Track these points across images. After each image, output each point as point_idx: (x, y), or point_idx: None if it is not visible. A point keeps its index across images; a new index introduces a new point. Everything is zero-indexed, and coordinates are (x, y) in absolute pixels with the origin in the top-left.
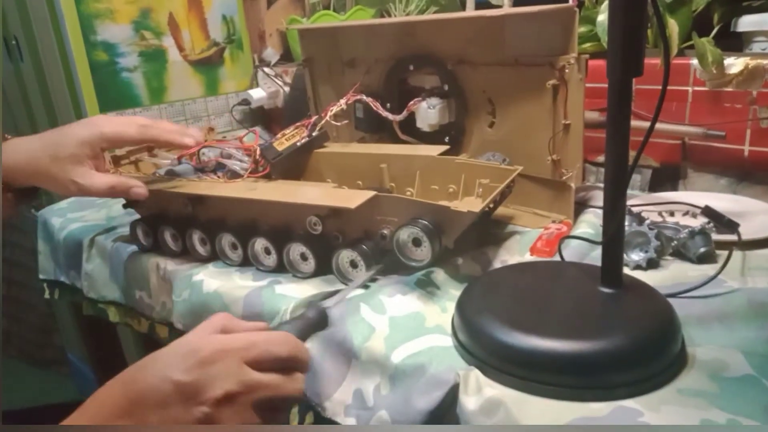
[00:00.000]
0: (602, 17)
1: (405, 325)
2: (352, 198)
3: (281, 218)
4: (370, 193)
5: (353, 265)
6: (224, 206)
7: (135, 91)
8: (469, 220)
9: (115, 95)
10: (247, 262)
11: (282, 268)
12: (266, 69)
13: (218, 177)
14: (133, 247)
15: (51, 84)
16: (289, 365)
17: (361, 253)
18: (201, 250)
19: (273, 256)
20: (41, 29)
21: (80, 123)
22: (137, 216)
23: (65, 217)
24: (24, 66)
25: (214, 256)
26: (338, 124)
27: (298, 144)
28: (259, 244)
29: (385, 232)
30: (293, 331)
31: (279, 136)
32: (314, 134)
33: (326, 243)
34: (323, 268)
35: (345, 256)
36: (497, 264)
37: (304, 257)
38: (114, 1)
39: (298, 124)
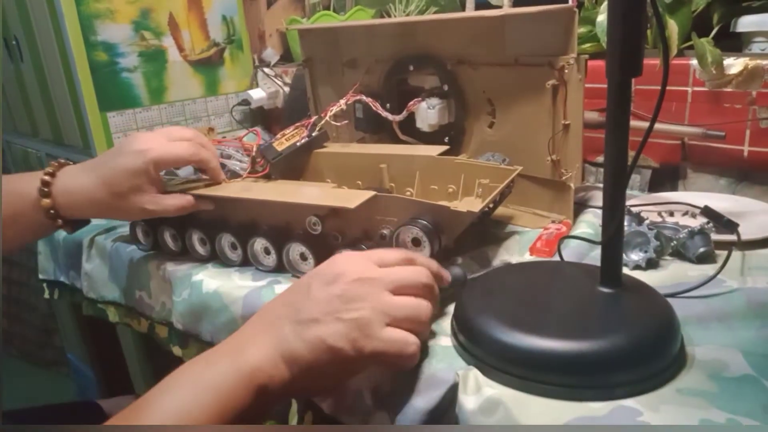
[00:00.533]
0: (602, 18)
1: None
2: (352, 198)
3: (281, 218)
4: (370, 193)
5: None
6: (224, 206)
7: (135, 91)
8: (469, 220)
9: (115, 95)
10: (246, 262)
11: (282, 268)
12: (266, 69)
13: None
14: (133, 247)
15: (51, 84)
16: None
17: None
18: (201, 250)
19: (272, 256)
20: (41, 29)
21: (127, 152)
22: None
23: None
24: (24, 66)
25: (214, 256)
26: (338, 124)
27: (298, 144)
28: (259, 244)
29: (385, 232)
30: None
31: (279, 136)
32: (314, 134)
33: (326, 243)
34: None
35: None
36: (497, 264)
37: (303, 257)
38: (114, 2)
39: (297, 124)
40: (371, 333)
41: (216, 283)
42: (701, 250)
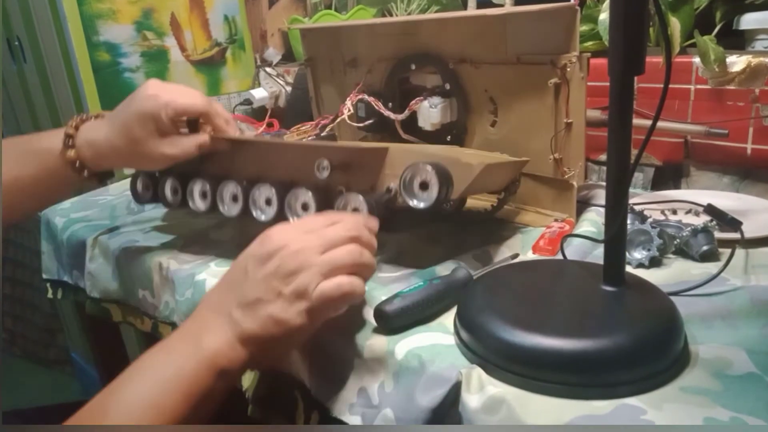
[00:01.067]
0: (604, 16)
1: None
2: (365, 143)
3: (289, 169)
4: (384, 144)
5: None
6: (232, 160)
7: None
8: (476, 173)
9: (117, 96)
10: (246, 212)
11: (282, 216)
12: (268, 69)
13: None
14: (137, 247)
15: (54, 84)
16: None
17: (366, 200)
18: (200, 203)
19: (273, 207)
20: (44, 30)
21: (141, 97)
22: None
23: (68, 217)
24: (27, 67)
25: (212, 209)
26: (360, 125)
27: (303, 140)
28: (263, 191)
29: (392, 185)
30: (442, 286)
31: (293, 129)
32: (322, 135)
33: (330, 195)
34: None
35: (349, 201)
36: (499, 263)
37: (305, 207)
38: (116, 2)
39: (316, 121)
40: (312, 294)
41: None
42: (704, 248)
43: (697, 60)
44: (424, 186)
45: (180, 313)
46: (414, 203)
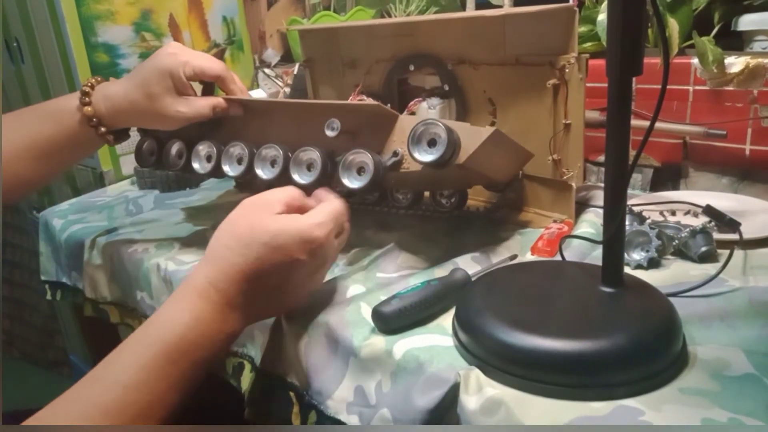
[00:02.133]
0: (602, 17)
1: None
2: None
3: (298, 132)
4: (396, 113)
5: (360, 170)
6: (241, 125)
7: None
8: (483, 138)
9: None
10: (249, 172)
11: (285, 176)
12: (267, 70)
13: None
14: (135, 248)
15: (52, 85)
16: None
17: (373, 157)
18: (205, 164)
19: (278, 167)
20: (42, 31)
21: (161, 55)
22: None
23: (66, 219)
24: (25, 68)
25: (216, 172)
26: None
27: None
28: (269, 152)
29: (399, 150)
30: (440, 288)
31: None
32: None
33: (335, 158)
34: (325, 182)
35: (356, 156)
36: (498, 264)
37: (309, 168)
38: (115, 3)
39: None
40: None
41: None
42: (703, 249)
43: (695, 61)
44: (432, 143)
45: None
46: (420, 157)
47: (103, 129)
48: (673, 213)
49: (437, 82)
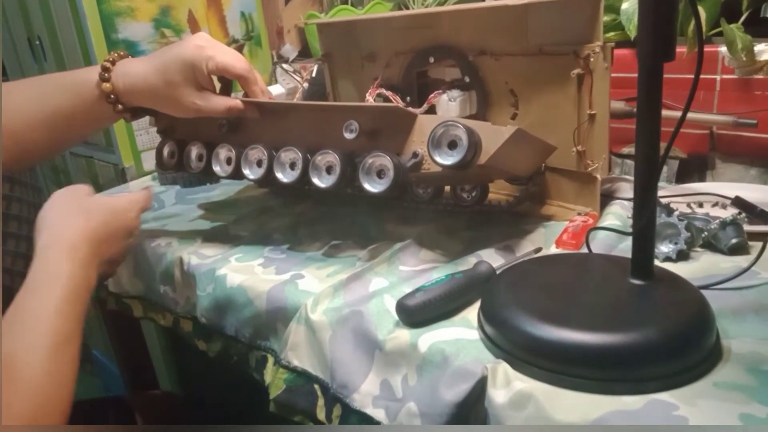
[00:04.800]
0: (626, 5)
1: None
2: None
3: (316, 134)
4: (416, 111)
5: (380, 174)
6: (259, 127)
7: None
8: (506, 136)
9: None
10: (269, 175)
11: (305, 179)
12: (285, 65)
13: None
14: (158, 242)
15: None
16: None
17: (392, 160)
18: (225, 167)
19: (297, 170)
20: (64, 29)
21: (187, 45)
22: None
23: None
24: (48, 66)
25: (236, 174)
26: None
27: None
28: (288, 154)
29: (419, 150)
30: (465, 281)
31: None
32: None
33: (353, 161)
34: (344, 185)
35: (375, 159)
36: (523, 257)
37: (329, 170)
38: (135, 0)
39: None
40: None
41: (240, 277)
42: (734, 241)
43: (723, 49)
44: (452, 145)
45: (201, 308)
46: (441, 160)
47: (120, 106)
48: (701, 205)
49: (458, 74)
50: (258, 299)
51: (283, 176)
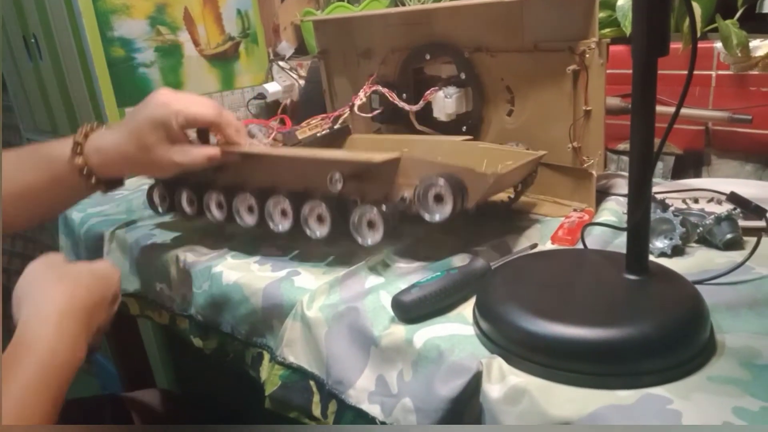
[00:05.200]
0: (622, 2)
1: None
2: (377, 156)
3: (301, 180)
4: (396, 153)
5: (370, 225)
6: (245, 167)
7: (152, 86)
8: (491, 181)
9: (132, 91)
10: (262, 224)
11: (295, 232)
12: (281, 63)
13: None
14: (153, 240)
15: (69, 80)
16: None
17: (381, 212)
18: (217, 213)
19: (290, 218)
20: (59, 27)
21: (152, 104)
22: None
23: (85, 212)
24: (43, 64)
25: (230, 219)
26: (367, 115)
27: (319, 135)
28: (277, 204)
29: (406, 195)
30: (460, 277)
31: (303, 124)
32: (336, 127)
33: (344, 206)
34: (338, 232)
35: (364, 213)
36: (518, 252)
37: (320, 219)
38: None
39: (324, 115)
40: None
41: (236, 274)
42: (728, 236)
43: (718, 45)
44: (438, 198)
45: (197, 306)
46: (429, 218)
47: (94, 180)
48: (696, 201)
49: (454, 70)
50: (254, 296)
51: (278, 226)
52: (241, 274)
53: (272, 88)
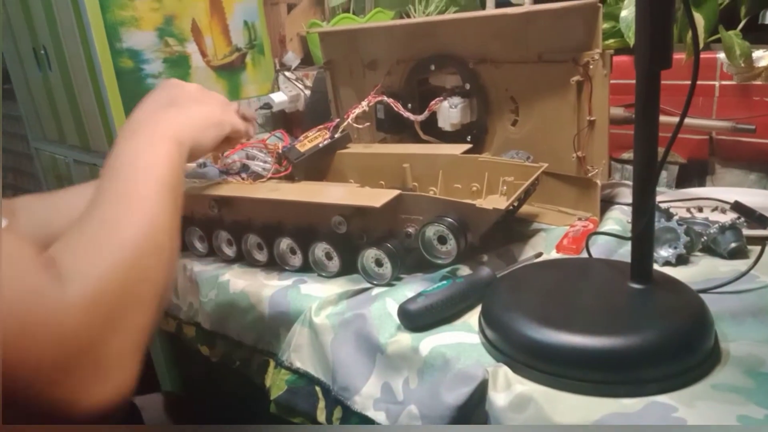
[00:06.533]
0: (625, 13)
1: None
2: (377, 197)
3: (306, 218)
4: (395, 192)
5: (378, 263)
6: (249, 207)
7: None
8: (495, 217)
9: (140, 101)
10: (273, 261)
11: (307, 267)
12: (287, 73)
13: (243, 179)
14: None
15: (78, 91)
16: None
17: (386, 251)
18: (228, 251)
19: (299, 255)
20: (68, 38)
21: (210, 126)
22: None
23: None
24: (52, 74)
25: (241, 257)
26: (360, 126)
27: (321, 146)
28: (285, 244)
29: (410, 230)
30: (465, 285)
31: (302, 138)
32: (336, 136)
33: (351, 242)
34: (348, 267)
35: (370, 254)
36: (523, 262)
37: (329, 257)
38: (139, 9)
39: (320, 126)
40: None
41: (242, 283)
42: (733, 245)
43: (721, 56)
44: (442, 240)
45: (204, 314)
46: (435, 260)
47: None
48: (700, 209)
49: (458, 81)
50: (260, 304)
51: (289, 264)
52: (247, 282)
53: (278, 98)
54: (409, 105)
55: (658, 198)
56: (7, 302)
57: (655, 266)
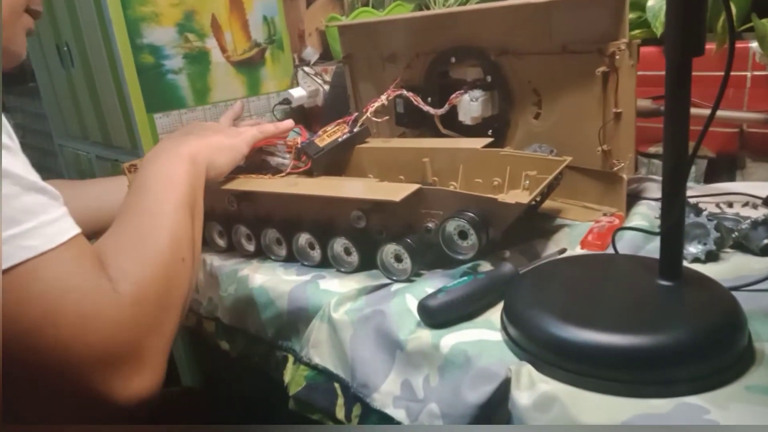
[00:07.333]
0: (652, 2)
1: None
2: (397, 191)
3: (325, 213)
4: (414, 186)
5: (398, 259)
6: (269, 202)
7: (180, 92)
8: (517, 212)
9: (161, 97)
10: (292, 257)
11: (326, 262)
12: (306, 68)
13: (262, 174)
14: None
15: (100, 88)
16: None
17: (406, 246)
18: (247, 246)
19: (318, 250)
20: (90, 35)
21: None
22: None
23: None
24: (75, 71)
25: (260, 251)
26: (379, 120)
27: (339, 140)
28: (303, 239)
29: (430, 225)
30: (487, 282)
31: (320, 132)
32: (355, 130)
33: (370, 237)
34: (367, 262)
35: (389, 250)
36: (546, 258)
37: (348, 252)
38: (159, 5)
39: (339, 120)
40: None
41: (262, 278)
42: (766, 241)
43: (754, 45)
44: (463, 235)
45: (224, 309)
46: (456, 256)
47: None
48: (731, 205)
49: (479, 73)
50: (280, 299)
51: (307, 260)
52: (267, 277)
53: (297, 93)
54: (429, 99)
55: (687, 193)
56: (70, 294)
57: (684, 263)
